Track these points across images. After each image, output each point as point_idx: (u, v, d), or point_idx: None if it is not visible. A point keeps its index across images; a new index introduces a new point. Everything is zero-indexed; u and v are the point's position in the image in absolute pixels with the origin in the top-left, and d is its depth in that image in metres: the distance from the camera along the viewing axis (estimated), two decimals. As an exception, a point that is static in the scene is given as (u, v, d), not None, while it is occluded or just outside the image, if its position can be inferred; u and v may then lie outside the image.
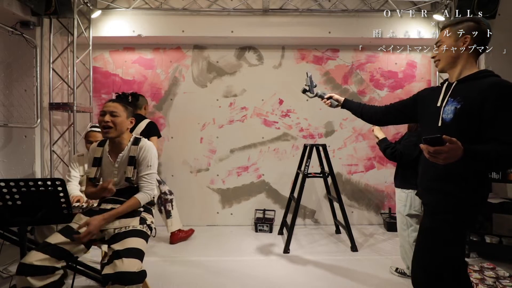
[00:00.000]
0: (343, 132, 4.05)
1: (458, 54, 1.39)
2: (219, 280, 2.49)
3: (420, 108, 1.55)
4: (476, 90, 1.30)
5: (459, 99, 1.33)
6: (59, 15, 3.27)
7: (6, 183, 1.54)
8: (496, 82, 1.29)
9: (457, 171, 1.32)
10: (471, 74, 1.37)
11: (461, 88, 1.36)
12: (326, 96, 1.92)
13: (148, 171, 1.85)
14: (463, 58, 1.39)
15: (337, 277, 2.55)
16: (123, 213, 1.75)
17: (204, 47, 3.99)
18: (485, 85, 1.29)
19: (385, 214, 3.98)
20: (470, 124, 1.30)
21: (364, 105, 1.81)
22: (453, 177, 1.34)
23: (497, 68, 3.45)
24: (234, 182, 4.02)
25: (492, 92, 1.25)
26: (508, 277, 2.34)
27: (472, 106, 1.29)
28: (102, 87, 3.93)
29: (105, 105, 1.83)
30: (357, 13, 3.71)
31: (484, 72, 1.36)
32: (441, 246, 1.36)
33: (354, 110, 1.83)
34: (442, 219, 1.36)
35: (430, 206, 1.44)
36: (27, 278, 1.46)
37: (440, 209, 1.38)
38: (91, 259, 2.68)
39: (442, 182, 1.37)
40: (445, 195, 1.36)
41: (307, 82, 1.98)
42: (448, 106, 1.36)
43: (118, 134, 1.82)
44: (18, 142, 3.33)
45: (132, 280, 1.48)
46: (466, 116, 1.30)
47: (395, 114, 1.68)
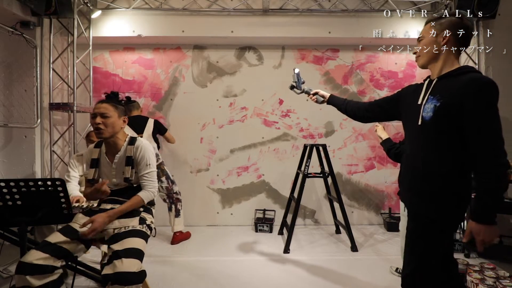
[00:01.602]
0: (343, 132, 4.05)
1: (439, 50, 1.36)
2: (219, 280, 2.49)
3: (402, 106, 1.52)
4: (455, 87, 1.26)
5: (439, 97, 1.30)
6: (59, 15, 3.27)
7: (6, 183, 1.54)
8: (474, 78, 1.25)
9: (437, 171, 1.30)
10: (451, 70, 1.33)
11: (441, 85, 1.34)
12: (312, 92, 1.95)
13: (148, 169, 1.85)
14: (444, 54, 1.36)
15: (337, 277, 2.55)
16: (127, 211, 1.76)
17: (204, 47, 3.99)
18: (464, 81, 1.25)
19: (385, 214, 3.98)
20: (450, 122, 1.26)
21: (349, 101, 1.80)
22: (434, 178, 1.31)
23: (497, 68, 3.46)
24: (234, 182, 4.02)
25: (471, 89, 1.22)
26: (508, 277, 2.34)
27: (451, 103, 1.26)
28: (102, 87, 3.93)
29: (95, 106, 1.81)
30: (357, 13, 3.71)
31: (464, 69, 1.32)
32: (428, 248, 1.34)
33: (339, 106, 1.84)
34: (426, 222, 1.34)
35: (412, 208, 1.42)
36: (26, 277, 1.46)
37: (423, 211, 1.35)
38: (91, 259, 2.68)
39: (423, 183, 1.35)
40: (427, 196, 1.34)
41: (294, 79, 1.99)
42: (428, 104, 1.33)
43: (111, 134, 1.81)
44: (18, 142, 3.33)
45: (131, 281, 1.48)
46: (445, 114, 1.27)
47: (377, 111, 1.66)
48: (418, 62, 1.46)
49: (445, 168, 1.29)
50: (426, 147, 1.34)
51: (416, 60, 1.47)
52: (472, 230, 1.21)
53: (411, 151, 1.43)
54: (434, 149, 1.31)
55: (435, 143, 1.31)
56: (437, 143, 1.31)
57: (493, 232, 1.20)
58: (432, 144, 1.32)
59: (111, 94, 1.91)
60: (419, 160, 1.36)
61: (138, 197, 1.80)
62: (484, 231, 1.19)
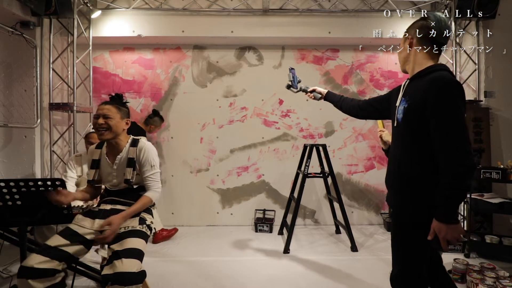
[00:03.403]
0: (343, 132, 4.05)
1: (407, 54, 1.42)
2: (219, 280, 2.49)
3: (391, 106, 1.55)
4: (421, 88, 1.28)
5: (407, 98, 1.33)
6: (59, 15, 3.27)
7: (6, 183, 1.54)
8: (435, 77, 1.25)
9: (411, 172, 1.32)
10: (419, 71, 1.36)
11: (411, 87, 1.37)
12: (309, 90, 1.95)
13: (153, 171, 1.86)
14: (412, 56, 1.40)
15: (337, 277, 2.55)
16: (139, 211, 1.78)
17: (204, 47, 3.99)
18: (427, 81, 1.26)
19: (385, 214, 3.98)
20: (420, 123, 1.27)
21: (345, 99, 1.83)
22: (409, 179, 1.33)
23: (497, 68, 3.46)
24: (234, 182, 4.02)
25: (431, 89, 1.23)
26: (508, 277, 2.34)
27: (417, 104, 1.27)
28: (102, 87, 3.93)
29: (98, 107, 1.82)
30: (357, 13, 3.71)
31: (430, 68, 1.33)
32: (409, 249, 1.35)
33: (335, 102, 1.86)
34: (406, 222, 1.36)
35: (394, 208, 1.45)
36: (29, 281, 1.46)
37: (403, 212, 1.37)
38: (91, 259, 2.68)
39: (401, 183, 1.37)
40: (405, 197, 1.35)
41: (290, 78, 1.99)
42: (400, 105, 1.37)
43: (113, 135, 1.81)
44: (18, 142, 3.33)
45: (131, 281, 1.48)
46: (413, 115, 1.29)
47: (370, 110, 1.70)
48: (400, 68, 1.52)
49: (418, 168, 1.30)
50: (401, 148, 1.37)
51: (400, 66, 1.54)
52: (435, 228, 1.22)
53: (392, 151, 1.47)
54: (408, 150, 1.33)
55: (408, 144, 1.33)
56: (409, 144, 1.33)
57: (455, 230, 1.19)
58: (405, 145, 1.35)
59: (115, 96, 1.91)
60: (396, 160, 1.39)
61: (147, 197, 1.81)
62: (446, 229, 1.19)
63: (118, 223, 1.67)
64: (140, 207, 1.78)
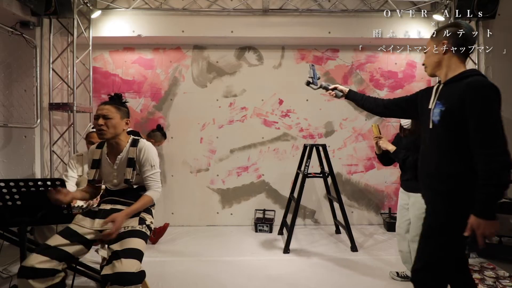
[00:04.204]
0: (343, 132, 4.05)
1: (440, 59, 1.45)
2: (219, 280, 2.49)
3: (419, 107, 1.59)
4: (457, 92, 1.34)
5: (444, 102, 1.39)
6: (59, 15, 3.27)
7: (6, 183, 1.54)
8: (473, 82, 1.31)
9: (450, 172, 1.36)
10: (454, 76, 1.41)
11: (446, 91, 1.42)
12: (331, 88, 1.93)
13: (153, 170, 1.86)
14: (446, 61, 1.44)
15: (337, 277, 2.55)
16: (140, 209, 1.79)
17: (204, 47, 3.99)
18: (464, 86, 1.32)
19: (385, 214, 3.98)
20: (457, 126, 1.33)
21: (367, 97, 1.85)
22: (447, 179, 1.37)
23: (497, 68, 3.46)
24: (234, 182, 4.02)
25: (469, 92, 1.29)
26: (508, 277, 2.35)
27: (454, 108, 1.33)
28: (102, 87, 3.93)
29: (98, 108, 1.82)
30: (357, 13, 3.71)
31: (466, 73, 1.38)
32: (443, 246, 1.37)
33: (357, 101, 1.87)
34: (443, 220, 1.38)
35: (432, 205, 1.46)
36: (29, 281, 1.46)
37: (441, 210, 1.40)
38: (91, 259, 2.68)
39: (439, 183, 1.40)
40: (444, 196, 1.39)
41: (311, 74, 1.97)
42: (436, 108, 1.42)
43: (113, 135, 1.81)
44: (18, 143, 3.33)
45: (131, 281, 1.48)
46: (451, 118, 1.35)
47: (395, 110, 1.73)
48: (426, 71, 1.56)
49: (456, 169, 1.35)
50: (438, 149, 1.41)
51: (425, 70, 1.56)
52: (472, 224, 1.27)
53: (426, 152, 1.49)
54: (446, 151, 1.38)
55: (446, 145, 1.38)
56: (447, 145, 1.38)
57: (492, 226, 1.25)
58: (443, 146, 1.39)
59: (115, 96, 1.91)
60: (433, 161, 1.43)
61: (148, 196, 1.82)
62: (484, 225, 1.24)
63: (121, 221, 1.67)
64: (141, 206, 1.78)
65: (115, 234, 1.64)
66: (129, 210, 1.73)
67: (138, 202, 1.78)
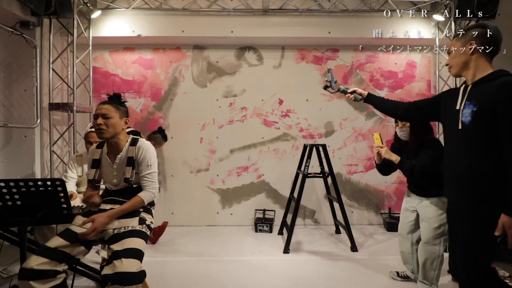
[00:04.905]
0: (343, 132, 4.05)
1: (467, 59, 1.46)
2: (219, 280, 2.49)
3: (442, 109, 1.60)
4: (488, 92, 1.35)
5: (474, 102, 1.39)
6: (59, 15, 3.26)
7: (6, 183, 1.53)
8: (504, 82, 1.33)
9: (481, 173, 1.37)
10: (484, 76, 1.42)
11: (475, 91, 1.42)
12: (350, 91, 1.94)
13: (149, 170, 1.85)
14: (473, 62, 1.45)
15: (337, 277, 2.55)
16: (127, 211, 1.76)
17: (204, 47, 3.99)
18: (496, 86, 1.34)
19: (385, 214, 3.98)
20: (488, 126, 1.35)
21: (387, 100, 1.86)
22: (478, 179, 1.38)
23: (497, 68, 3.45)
24: (234, 182, 4.02)
25: (501, 93, 1.31)
26: (508, 277, 2.34)
27: (486, 108, 1.34)
28: (102, 87, 3.92)
29: (97, 107, 1.83)
30: (357, 13, 3.71)
31: (496, 73, 1.40)
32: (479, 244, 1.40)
33: (376, 104, 1.88)
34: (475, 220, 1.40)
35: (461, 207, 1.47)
36: (30, 283, 1.46)
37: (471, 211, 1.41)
38: (91, 260, 2.68)
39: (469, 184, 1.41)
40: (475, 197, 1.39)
41: (329, 78, 1.96)
42: (465, 109, 1.42)
43: (112, 134, 1.81)
44: (18, 143, 3.33)
45: (131, 281, 1.48)
46: (482, 119, 1.36)
47: (416, 112, 1.74)
48: (451, 72, 1.57)
49: (487, 168, 1.36)
50: (469, 149, 1.42)
51: (449, 70, 1.57)
52: (504, 223, 1.28)
53: (454, 153, 1.50)
54: (477, 152, 1.39)
55: (477, 145, 1.39)
56: (478, 145, 1.39)
57: None
58: (474, 147, 1.40)
59: (114, 96, 1.91)
60: (463, 162, 1.43)
61: (138, 197, 1.80)
62: None
63: (101, 221, 1.65)
64: (128, 207, 1.76)
65: (92, 235, 1.62)
66: (114, 211, 1.72)
67: (127, 203, 1.77)
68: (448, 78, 3.86)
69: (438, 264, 2.15)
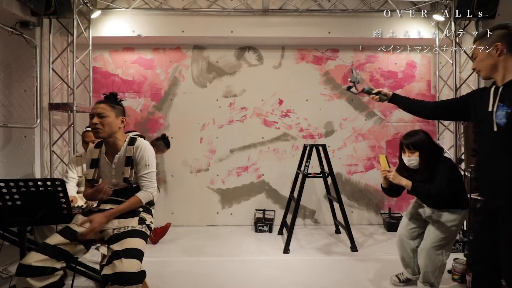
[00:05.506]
0: (343, 132, 4.05)
1: (495, 61, 1.46)
2: (219, 280, 2.49)
3: (473, 111, 1.58)
4: None
5: (508, 104, 1.38)
6: (59, 15, 3.27)
7: (6, 183, 1.53)
8: None
9: None
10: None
11: (508, 92, 1.41)
12: (375, 91, 1.92)
13: (147, 170, 1.85)
14: (502, 63, 1.45)
15: (337, 277, 2.55)
16: (124, 211, 1.76)
17: (204, 47, 3.99)
18: None
19: (385, 214, 3.98)
20: None
21: (413, 100, 1.86)
22: None
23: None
24: (234, 182, 4.02)
25: None
26: (508, 277, 2.34)
27: None
28: (102, 87, 3.92)
29: (93, 107, 1.83)
30: (357, 13, 3.71)
31: None
32: None
33: (402, 104, 1.88)
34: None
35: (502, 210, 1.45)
36: (27, 279, 1.46)
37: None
38: (91, 259, 2.68)
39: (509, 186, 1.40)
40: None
41: (353, 79, 1.94)
42: (499, 111, 1.41)
43: (108, 134, 1.81)
44: (18, 143, 3.33)
45: (131, 281, 1.48)
46: None
47: (444, 112, 1.74)
48: (480, 75, 1.56)
49: None
50: (506, 151, 1.41)
51: (478, 74, 1.57)
52: None
53: (491, 156, 1.49)
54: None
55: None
56: None
57: None
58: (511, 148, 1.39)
59: (109, 95, 1.91)
60: (503, 164, 1.42)
61: (136, 197, 1.80)
62: None
63: (99, 221, 1.66)
64: (126, 207, 1.76)
65: (89, 235, 1.62)
66: (112, 211, 1.72)
67: (125, 203, 1.77)
68: (448, 78, 3.86)
69: (440, 273, 2.13)
